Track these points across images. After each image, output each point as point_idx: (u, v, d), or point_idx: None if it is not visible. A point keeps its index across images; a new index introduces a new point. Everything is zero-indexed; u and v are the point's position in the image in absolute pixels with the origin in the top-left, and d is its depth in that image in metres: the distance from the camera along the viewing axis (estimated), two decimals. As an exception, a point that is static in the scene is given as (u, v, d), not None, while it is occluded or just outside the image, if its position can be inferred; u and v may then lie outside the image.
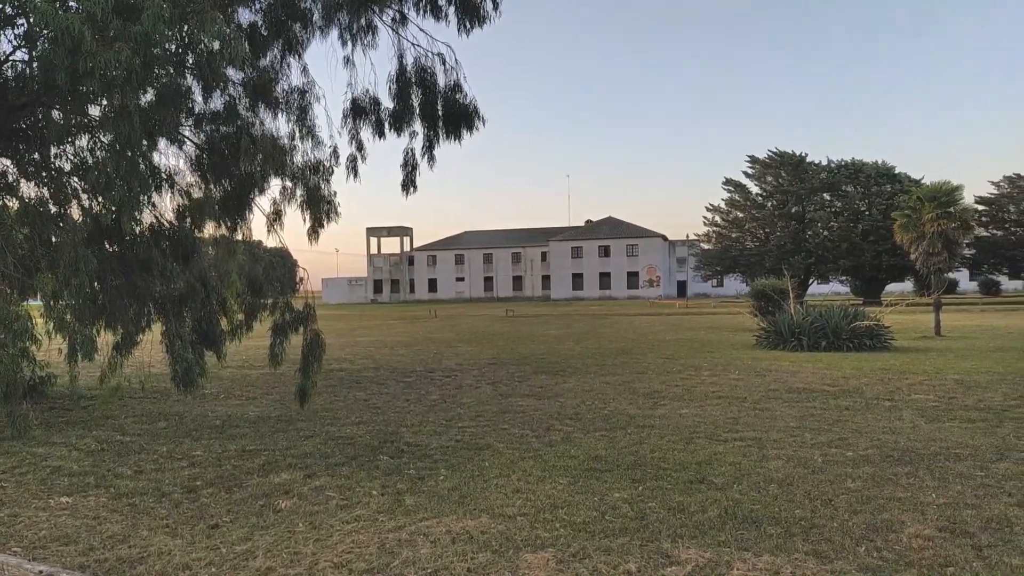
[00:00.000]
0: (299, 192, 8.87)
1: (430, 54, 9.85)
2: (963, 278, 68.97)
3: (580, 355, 17.29)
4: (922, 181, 47.57)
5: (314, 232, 8.97)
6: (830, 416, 8.80)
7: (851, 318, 18.23)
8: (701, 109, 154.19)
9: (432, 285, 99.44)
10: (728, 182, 62.64)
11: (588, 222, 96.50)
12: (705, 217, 65.08)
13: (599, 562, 4.19)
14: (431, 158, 10.78)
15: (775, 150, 60.55)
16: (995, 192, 57.26)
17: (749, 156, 61.93)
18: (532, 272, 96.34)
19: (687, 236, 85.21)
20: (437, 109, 10.22)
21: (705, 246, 65.96)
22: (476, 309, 59.59)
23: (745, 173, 62.16)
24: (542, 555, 4.32)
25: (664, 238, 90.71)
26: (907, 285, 57.98)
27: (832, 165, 58.80)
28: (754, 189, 61.88)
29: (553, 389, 11.61)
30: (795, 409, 9.33)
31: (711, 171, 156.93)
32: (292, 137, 8.96)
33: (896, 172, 56.85)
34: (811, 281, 58.91)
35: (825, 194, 58.70)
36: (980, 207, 54.60)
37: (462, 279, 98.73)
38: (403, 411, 9.76)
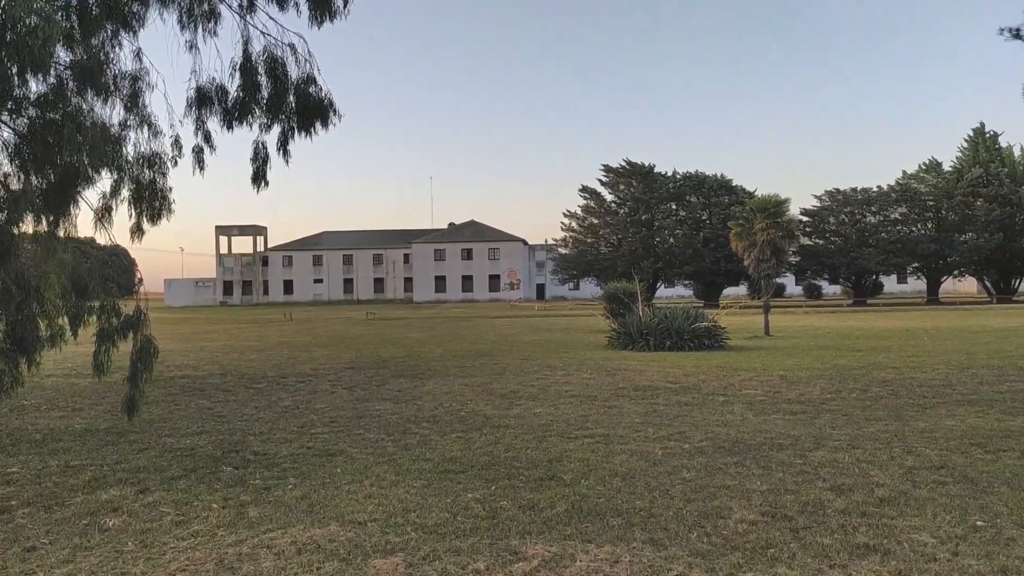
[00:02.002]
0: (130, 186, 8.23)
1: (280, 44, 9.47)
2: (790, 283, 75.69)
3: (441, 357, 17.30)
4: (755, 193, 51.61)
5: (139, 229, 8.36)
6: (671, 411, 9.36)
7: (692, 320, 19.51)
8: (561, 117, 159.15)
9: (288, 287, 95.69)
10: (584, 189, 64.96)
11: (451, 225, 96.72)
12: (563, 223, 67.10)
13: (449, 563, 4.22)
14: (286, 152, 10.37)
15: (627, 160, 63.59)
16: (817, 205, 63.13)
17: (603, 165, 64.59)
18: (394, 274, 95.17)
19: (546, 241, 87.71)
20: (289, 101, 9.84)
21: (563, 251, 68.02)
22: (335, 312, 58.03)
23: (600, 181, 64.75)
24: (391, 560, 4.28)
25: (524, 242, 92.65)
26: (742, 289, 62.74)
27: (678, 176, 62.56)
28: (608, 197, 64.60)
29: (412, 392, 11.54)
30: (640, 406, 9.84)
31: (569, 178, 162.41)
32: (124, 126, 8.30)
33: (733, 184, 61.40)
34: (659, 285, 62.36)
35: (672, 203, 62.37)
36: (804, 218, 59.88)
37: (320, 281, 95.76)
38: (251, 419, 9.33)
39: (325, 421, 9.05)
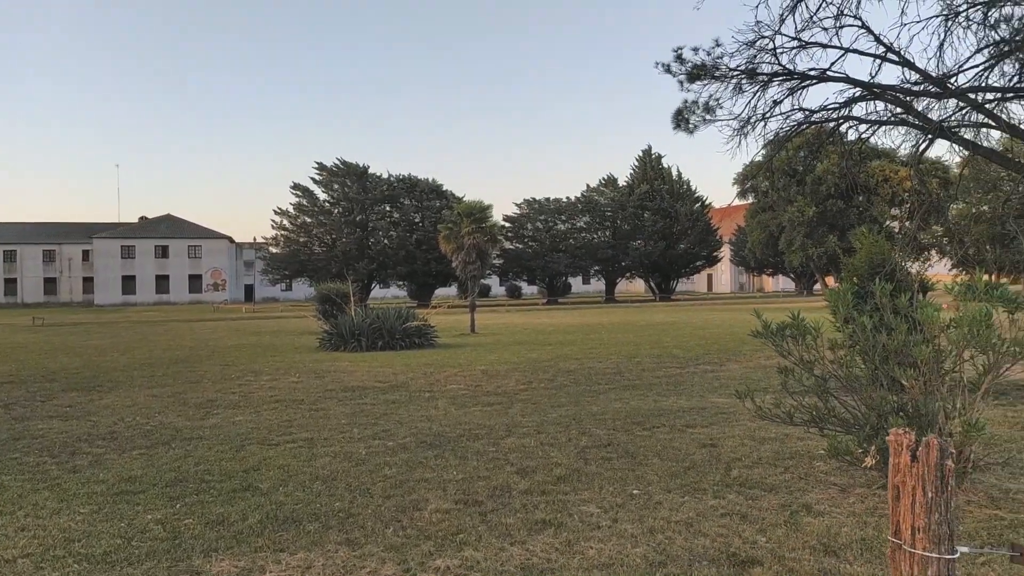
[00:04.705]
0: None
1: None
2: (494, 284, 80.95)
3: (125, 367, 15.44)
4: (463, 198, 54.24)
5: None
6: (378, 410, 9.45)
7: (404, 319, 19.94)
8: (271, 110, 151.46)
9: (-80, 288, 78.12)
10: (296, 187, 62.73)
11: (143, 219, 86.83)
12: (273, 221, 63.95)
13: (118, 594, 3.78)
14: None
15: (341, 159, 62.81)
16: (518, 212, 68.42)
17: (317, 163, 63.06)
18: (70, 273, 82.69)
19: (255, 239, 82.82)
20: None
21: (274, 250, 64.92)
22: (-13, 317, 48.72)
23: (313, 179, 63.08)
24: (45, 601, 3.72)
25: (230, 240, 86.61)
26: (452, 289, 65.62)
27: (392, 178, 63.43)
28: (322, 196, 63.18)
29: (86, 407, 10.15)
30: (348, 407, 9.78)
31: (281, 174, 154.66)
32: None
33: (444, 189, 63.97)
34: (374, 285, 62.58)
35: (386, 205, 63.04)
36: (507, 224, 64.55)
37: (-32, 280, 79.71)
38: None
39: (-35, 448, 7.55)
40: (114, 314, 51.80)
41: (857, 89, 8.48)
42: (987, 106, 8.43)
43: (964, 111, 8.47)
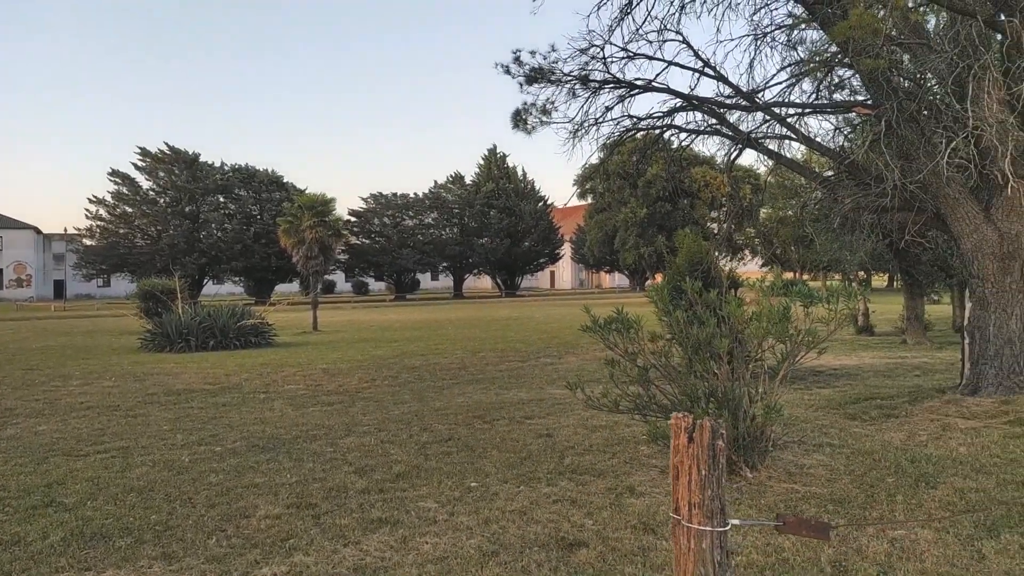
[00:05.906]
0: None
1: None
2: (340, 279, 78.86)
3: (-102, 375, 13.46)
4: (306, 191, 52.25)
5: None
6: (206, 414, 8.90)
7: (238, 317, 18.92)
8: (81, 89, 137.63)
9: None
10: (115, 174, 57.48)
11: (-76, 205, 76.09)
12: (88, 210, 58.07)
13: None
14: None
15: (169, 145, 58.42)
16: (365, 207, 67.00)
17: (140, 148, 58.15)
18: None
19: (66, 230, 75.01)
20: None
21: (88, 242, 59.13)
22: None
23: (135, 166, 58.14)
24: None
25: (37, 230, 77.95)
26: (295, 286, 63.09)
27: (227, 168, 59.84)
28: (145, 184, 58.38)
29: None
30: (171, 412, 9.14)
31: (96, 160, 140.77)
32: None
33: (284, 181, 61.28)
34: (206, 281, 58.80)
35: (220, 196, 59.33)
36: (352, 218, 63.03)
37: None
38: None
39: None
40: None
41: (678, 100, 9.11)
42: (789, 120, 9.36)
43: (769, 124, 9.37)
